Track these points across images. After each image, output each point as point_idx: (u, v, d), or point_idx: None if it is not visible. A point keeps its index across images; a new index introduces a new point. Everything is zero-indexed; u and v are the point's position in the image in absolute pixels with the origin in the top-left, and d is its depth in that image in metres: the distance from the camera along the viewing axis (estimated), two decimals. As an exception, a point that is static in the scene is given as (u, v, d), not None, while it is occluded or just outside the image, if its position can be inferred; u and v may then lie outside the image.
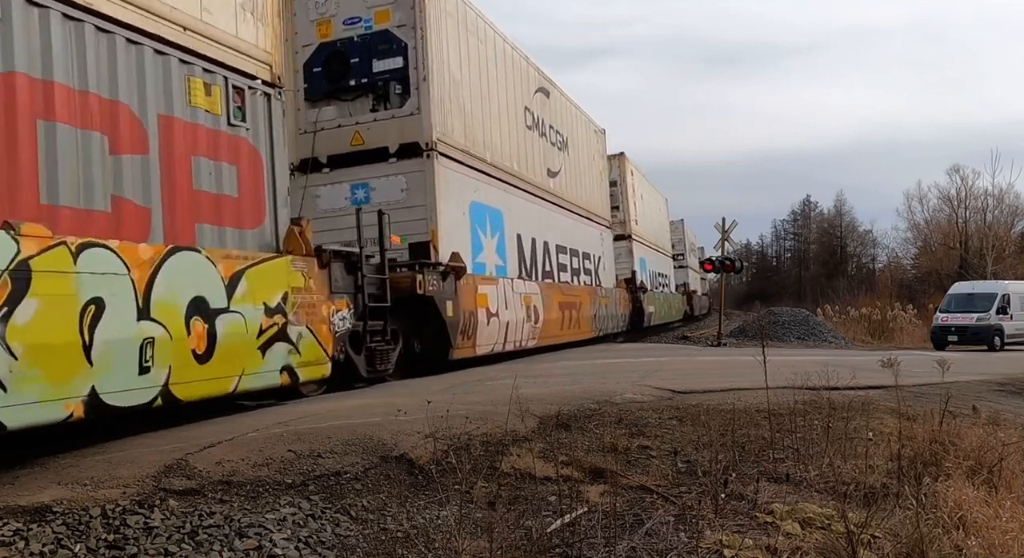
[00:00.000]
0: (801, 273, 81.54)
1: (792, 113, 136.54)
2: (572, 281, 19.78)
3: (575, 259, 20.44)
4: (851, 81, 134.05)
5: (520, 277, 15.78)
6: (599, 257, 22.89)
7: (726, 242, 24.86)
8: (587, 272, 21.50)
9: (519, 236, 16.12)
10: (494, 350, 14.05)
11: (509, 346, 14.80)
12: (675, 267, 40.80)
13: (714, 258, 24.51)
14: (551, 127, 19.21)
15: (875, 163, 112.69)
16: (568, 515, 4.35)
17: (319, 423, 6.20)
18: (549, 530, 4.19)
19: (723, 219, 24.84)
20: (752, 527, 4.40)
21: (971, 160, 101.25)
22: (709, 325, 37.13)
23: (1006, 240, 52.04)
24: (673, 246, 41.67)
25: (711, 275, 39.88)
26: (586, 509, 4.51)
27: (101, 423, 6.35)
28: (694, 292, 46.74)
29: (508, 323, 14.49)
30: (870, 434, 6.26)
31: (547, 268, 17.95)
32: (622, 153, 28.29)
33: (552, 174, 19.02)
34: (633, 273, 27.42)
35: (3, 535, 3.83)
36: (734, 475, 5.23)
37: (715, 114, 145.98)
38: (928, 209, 60.56)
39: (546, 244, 18.05)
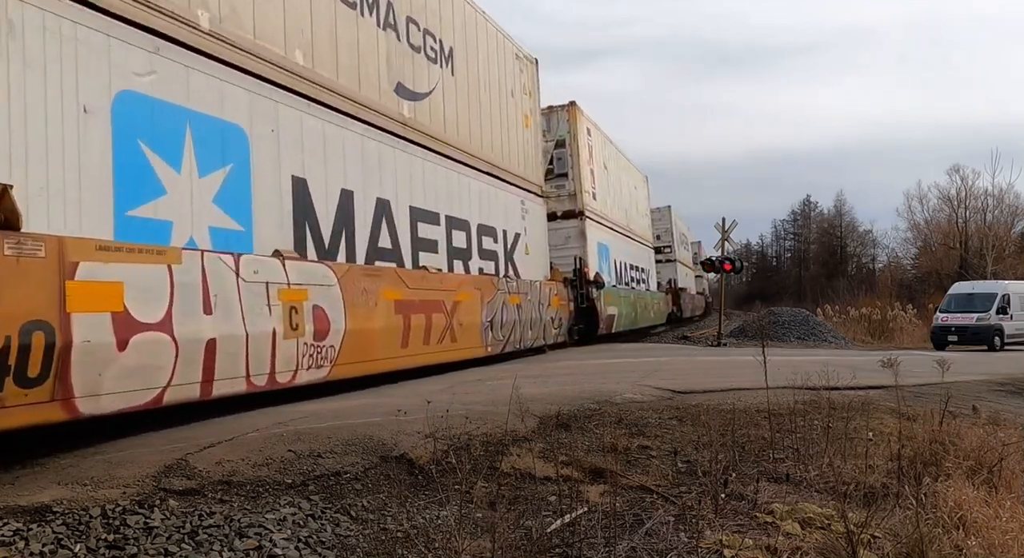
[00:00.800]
0: (801, 273, 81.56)
1: (792, 113, 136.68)
2: (448, 267, 12.73)
3: (460, 235, 13.32)
4: (851, 81, 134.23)
5: (281, 253, 8.37)
6: (516, 235, 15.95)
7: (726, 242, 24.87)
8: (488, 256, 14.41)
9: (300, 182, 9.03)
10: (144, 402, 6.33)
11: (223, 388, 7.22)
12: (659, 261, 35.30)
13: (714, 258, 24.51)
14: (412, 21, 12.04)
15: (875, 163, 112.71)
16: (568, 515, 4.35)
17: (319, 423, 6.20)
18: (549, 530, 4.19)
19: (723, 219, 24.89)
20: (752, 527, 4.40)
21: (971, 160, 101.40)
22: (707, 326, 37.09)
23: (1006, 240, 52.06)
24: (658, 237, 36.21)
25: (711, 275, 39.01)
26: (586, 509, 4.52)
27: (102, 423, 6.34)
28: (683, 290, 40.50)
29: (215, 342, 7.08)
30: (870, 434, 6.26)
31: (388, 244, 10.92)
32: (573, 102, 21.24)
33: (411, 95, 11.88)
34: (579, 260, 20.05)
35: (3, 535, 3.83)
36: (734, 475, 5.24)
37: (715, 114, 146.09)
38: (928, 209, 60.64)
39: (386, 205, 10.92)
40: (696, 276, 49.31)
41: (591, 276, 20.54)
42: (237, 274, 7.60)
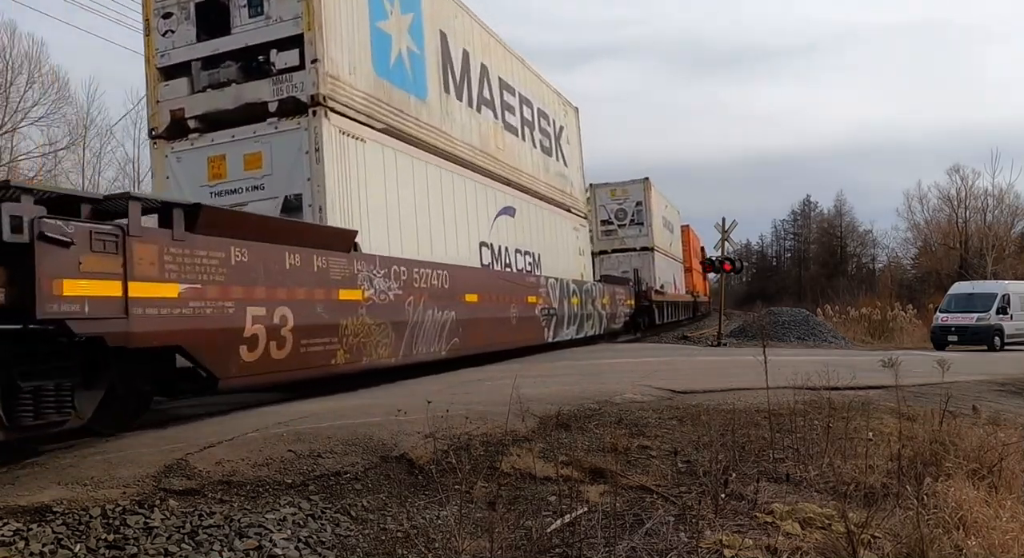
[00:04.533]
0: (801, 273, 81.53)
1: (792, 113, 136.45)
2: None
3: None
4: (851, 81, 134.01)
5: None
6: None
7: (726, 242, 24.86)
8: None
9: None
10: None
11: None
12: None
13: (714, 258, 24.51)
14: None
15: (875, 163, 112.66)
16: (568, 515, 4.35)
17: (319, 423, 6.20)
18: (549, 530, 4.19)
19: (723, 219, 24.77)
20: (752, 527, 4.40)
21: (971, 160, 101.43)
22: (703, 328, 37.04)
23: (1006, 240, 52.03)
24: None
25: (712, 275, 38.19)
26: (586, 509, 4.51)
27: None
28: None
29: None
30: (870, 434, 6.26)
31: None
32: None
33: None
34: None
35: (3, 535, 3.83)
36: (734, 475, 5.23)
37: (715, 114, 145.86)
38: (928, 209, 60.60)
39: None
40: (623, 250, 30.50)
41: None
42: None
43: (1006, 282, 27.62)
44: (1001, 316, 23.86)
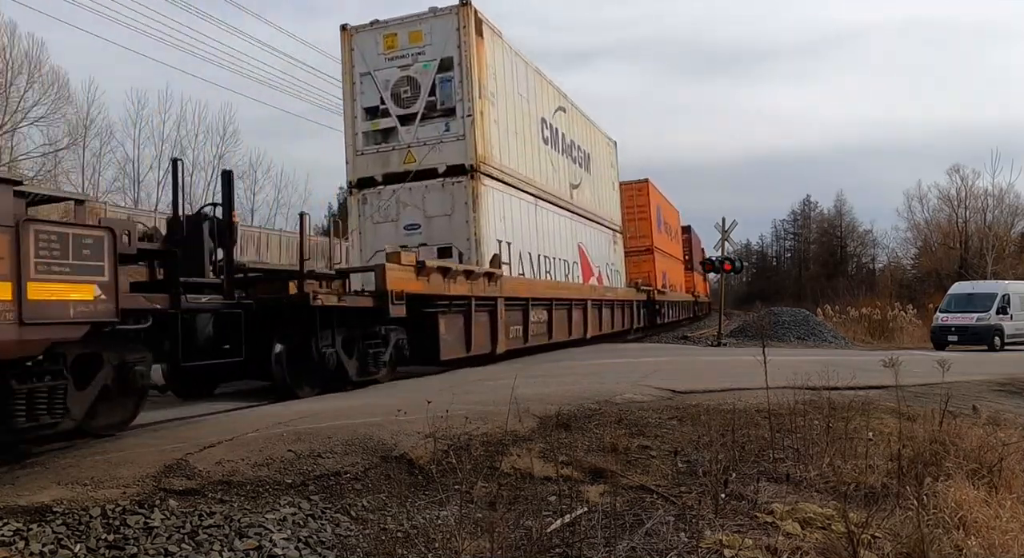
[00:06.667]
0: (801, 273, 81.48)
1: (792, 113, 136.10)
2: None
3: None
4: (851, 81, 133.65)
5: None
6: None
7: (726, 242, 24.87)
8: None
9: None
10: None
11: None
12: None
13: (714, 258, 24.52)
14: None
15: (875, 163, 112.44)
16: (568, 515, 4.35)
17: (319, 423, 6.20)
18: (549, 530, 4.19)
19: (723, 219, 24.73)
20: (752, 527, 4.40)
21: (971, 160, 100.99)
22: (706, 326, 37.00)
23: (1006, 240, 51.99)
24: None
25: (712, 275, 37.66)
26: (586, 509, 4.51)
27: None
28: None
29: None
30: (870, 434, 6.26)
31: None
32: None
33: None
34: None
35: (3, 535, 3.83)
36: (734, 475, 5.23)
37: (715, 114, 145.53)
38: (928, 209, 60.51)
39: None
40: (406, 176, 13.13)
41: None
42: None
43: (1006, 282, 27.60)
44: (1001, 316, 23.84)
